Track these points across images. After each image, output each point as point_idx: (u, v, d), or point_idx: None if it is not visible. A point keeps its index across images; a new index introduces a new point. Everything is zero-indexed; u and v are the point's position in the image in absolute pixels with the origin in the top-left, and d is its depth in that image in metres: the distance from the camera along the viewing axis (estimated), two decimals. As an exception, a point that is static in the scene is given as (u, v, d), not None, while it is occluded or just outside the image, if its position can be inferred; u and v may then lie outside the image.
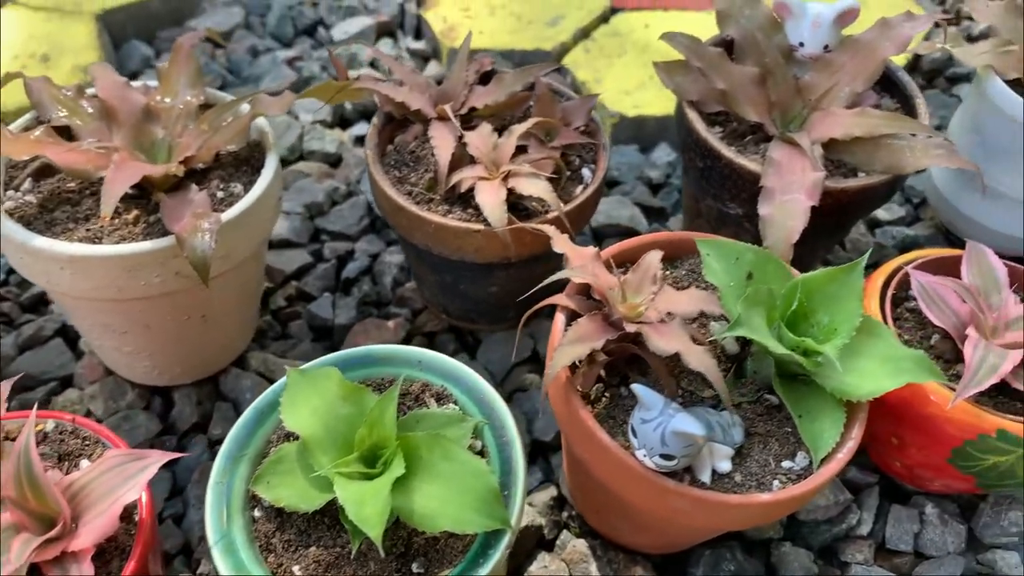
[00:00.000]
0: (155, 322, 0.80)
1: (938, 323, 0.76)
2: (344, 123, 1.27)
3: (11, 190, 0.78)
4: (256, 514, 0.62)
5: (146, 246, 0.72)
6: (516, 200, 0.82)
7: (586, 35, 1.40)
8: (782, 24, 0.88)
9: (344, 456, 0.60)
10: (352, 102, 1.25)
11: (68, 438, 0.68)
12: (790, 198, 0.77)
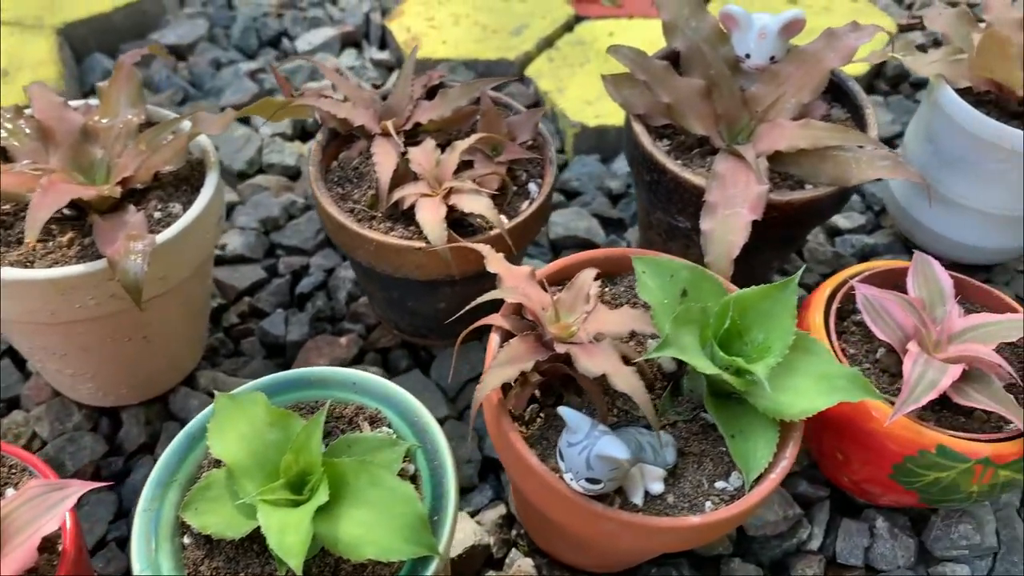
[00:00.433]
0: (94, 344, 0.79)
1: (883, 337, 0.75)
2: (305, 136, 1.26)
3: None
4: (186, 541, 0.61)
5: (78, 269, 0.71)
6: (461, 216, 0.81)
7: (550, 44, 1.39)
8: (728, 35, 0.87)
9: (271, 483, 0.59)
10: (294, 119, 1.24)
11: (-6, 466, 0.67)
12: (732, 212, 0.77)
